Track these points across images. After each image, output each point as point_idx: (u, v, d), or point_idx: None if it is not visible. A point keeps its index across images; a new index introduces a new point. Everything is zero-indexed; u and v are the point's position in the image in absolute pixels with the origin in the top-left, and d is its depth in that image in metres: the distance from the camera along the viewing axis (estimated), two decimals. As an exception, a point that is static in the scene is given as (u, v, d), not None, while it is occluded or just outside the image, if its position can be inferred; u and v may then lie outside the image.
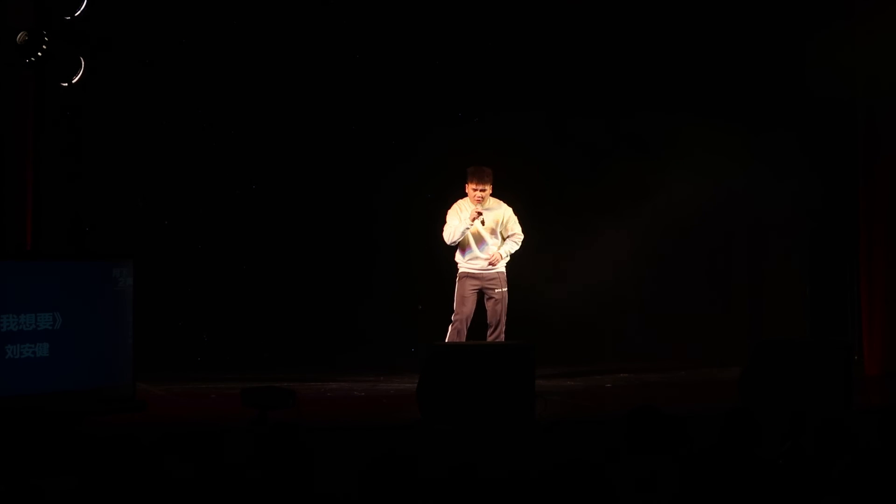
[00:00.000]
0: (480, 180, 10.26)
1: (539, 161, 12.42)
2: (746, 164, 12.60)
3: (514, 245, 10.46)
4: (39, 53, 9.47)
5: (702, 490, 4.96)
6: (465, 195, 10.39)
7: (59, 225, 10.53)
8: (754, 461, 5.18)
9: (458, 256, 10.48)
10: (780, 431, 6.07)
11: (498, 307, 10.39)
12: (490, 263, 10.38)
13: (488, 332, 10.45)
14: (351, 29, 12.07)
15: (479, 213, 10.25)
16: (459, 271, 10.46)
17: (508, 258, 10.50)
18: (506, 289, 10.45)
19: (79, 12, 9.57)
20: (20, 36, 9.48)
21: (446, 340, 10.32)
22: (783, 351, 9.44)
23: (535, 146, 12.35)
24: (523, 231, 10.54)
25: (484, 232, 10.37)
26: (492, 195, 10.41)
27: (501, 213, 10.44)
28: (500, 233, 10.45)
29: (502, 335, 10.38)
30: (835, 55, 11.40)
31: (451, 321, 10.43)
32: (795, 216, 12.73)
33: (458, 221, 10.29)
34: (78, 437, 7.85)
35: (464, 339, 10.34)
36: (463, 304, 10.38)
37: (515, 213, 10.57)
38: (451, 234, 10.31)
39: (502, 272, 10.48)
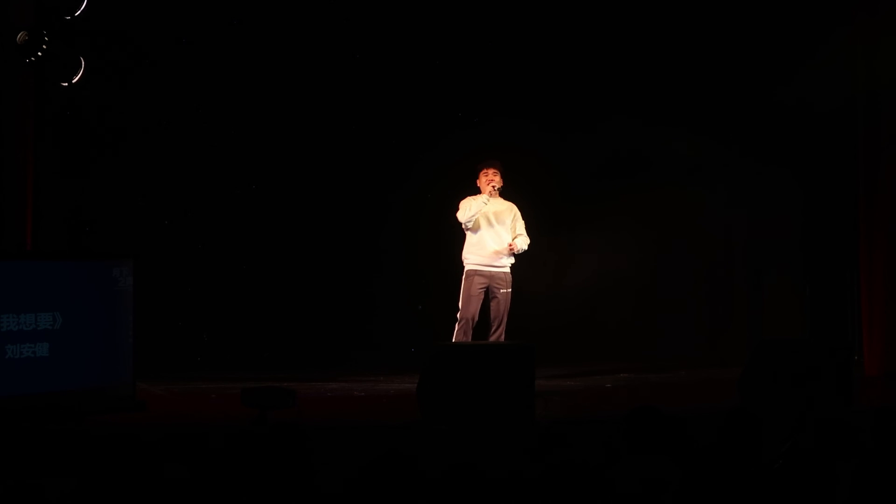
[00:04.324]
0: (492, 165, 10.44)
1: (540, 162, 12.41)
2: (747, 166, 12.60)
3: (525, 241, 10.48)
4: (39, 53, 9.47)
5: (702, 490, 4.96)
6: (474, 193, 10.47)
7: (59, 225, 10.54)
8: (754, 461, 5.19)
9: (467, 252, 10.47)
10: (780, 431, 6.07)
11: (501, 307, 10.43)
12: (511, 251, 10.38)
13: (490, 331, 10.47)
14: (351, 29, 12.08)
15: (496, 188, 10.35)
16: (467, 269, 10.47)
17: (521, 251, 10.48)
18: (511, 290, 10.47)
19: (79, 12, 9.57)
20: (20, 36, 9.48)
21: (453, 340, 10.33)
22: (783, 351, 9.43)
23: (537, 148, 12.34)
24: (528, 234, 10.58)
25: (499, 228, 10.40)
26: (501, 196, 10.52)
27: (513, 212, 10.49)
28: (512, 228, 10.49)
29: (503, 335, 10.41)
30: (835, 56, 11.42)
31: (456, 320, 10.43)
32: (795, 216, 12.73)
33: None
34: (78, 437, 7.85)
35: (469, 339, 10.37)
36: (469, 304, 10.40)
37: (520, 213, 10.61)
38: (465, 210, 10.39)
39: (508, 272, 10.50)
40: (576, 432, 7.87)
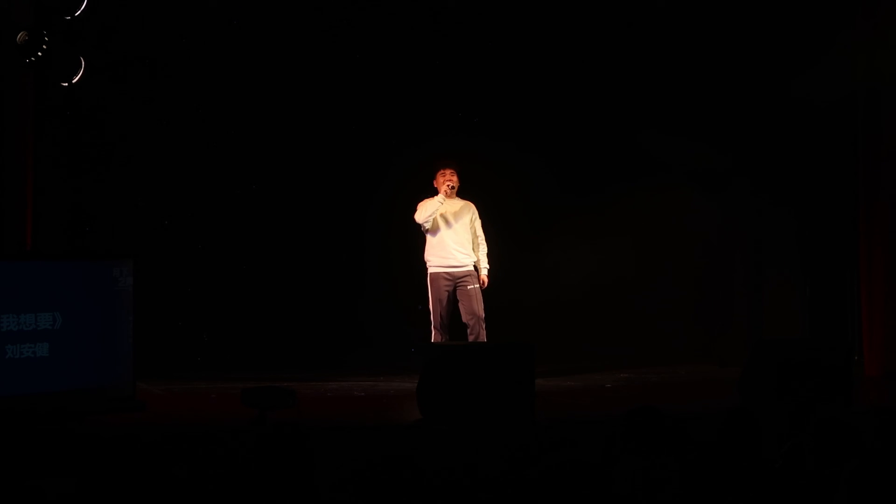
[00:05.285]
0: (448, 165, 10.52)
1: (541, 161, 12.42)
2: (747, 166, 12.60)
3: (484, 249, 10.59)
4: (39, 53, 9.47)
5: (702, 490, 4.96)
6: (431, 195, 10.55)
7: (59, 225, 10.54)
8: (754, 461, 5.19)
9: (429, 254, 10.50)
10: (780, 431, 6.07)
11: (474, 304, 10.41)
12: (483, 285, 10.45)
13: (468, 332, 10.44)
14: (351, 29, 12.08)
15: (452, 188, 10.41)
16: (430, 272, 10.49)
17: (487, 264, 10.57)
18: (478, 285, 10.48)
19: (79, 12, 9.57)
20: (20, 36, 9.48)
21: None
22: (783, 351, 9.43)
23: (537, 148, 12.34)
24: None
25: (458, 227, 10.42)
26: (463, 197, 10.58)
27: (471, 211, 10.53)
28: (471, 230, 10.52)
29: (483, 333, 10.37)
30: (835, 55, 11.42)
31: (430, 323, 10.45)
32: (795, 216, 12.72)
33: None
34: (78, 437, 7.85)
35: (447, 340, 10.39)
36: (440, 307, 10.44)
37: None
38: (421, 211, 10.46)
39: (472, 269, 10.51)
40: (576, 432, 7.88)
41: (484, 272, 10.52)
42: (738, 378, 9.39)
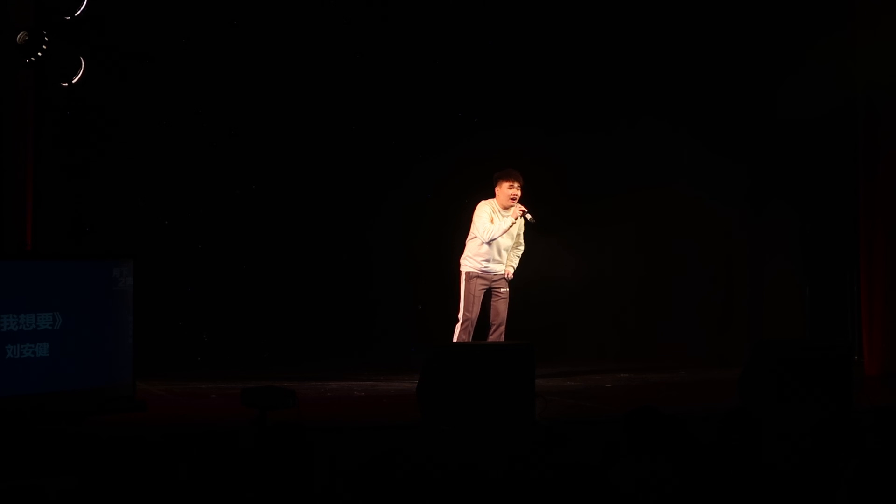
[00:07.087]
0: (517, 179, 10.38)
1: (541, 160, 12.42)
2: (747, 166, 12.61)
3: (517, 259, 10.54)
4: (39, 53, 9.47)
5: (702, 490, 4.96)
6: (485, 197, 10.44)
7: (59, 225, 10.53)
8: (754, 462, 5.19)
9: (470, 259, 10.44)
10: (780, 431, 6.07)
11: (504, 306, 10.47)
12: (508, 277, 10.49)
13: (490, 331, 10.48)
14: (352, 29, 12.08)
15: (525, 210, 10.31)
16: (468, 271, 10.44)
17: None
18: (508, 288, 10.52)
19: (79, 12, 9.57)
20: (20, 36, 9.48)
21: (454, 340, 10.33)
22: (783, 351, 9.42)
23: (537, 147, 12.34)
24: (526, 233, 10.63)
25: (510, 241, 10.44)
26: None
27: (521, 223, 10.48)
28: (516, 236, 10.53)
29: (503, 335, 10.43)
30: (835, 55, 11.43)
31: (458, 320, 10.42)
32: (795, 216, 12.73)
33: (490, 223, 10.32)
34: (78, 437, 7.85)
35: (470, 339, 10.39)
36: (473, 305, 10.42)
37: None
38: (489, 230, 10.33)
39: (503, 275, 10.52)
40: (576, 432, 7.88)
41: (511, 270, 10.51)
42: (738, 378, 9.39)
